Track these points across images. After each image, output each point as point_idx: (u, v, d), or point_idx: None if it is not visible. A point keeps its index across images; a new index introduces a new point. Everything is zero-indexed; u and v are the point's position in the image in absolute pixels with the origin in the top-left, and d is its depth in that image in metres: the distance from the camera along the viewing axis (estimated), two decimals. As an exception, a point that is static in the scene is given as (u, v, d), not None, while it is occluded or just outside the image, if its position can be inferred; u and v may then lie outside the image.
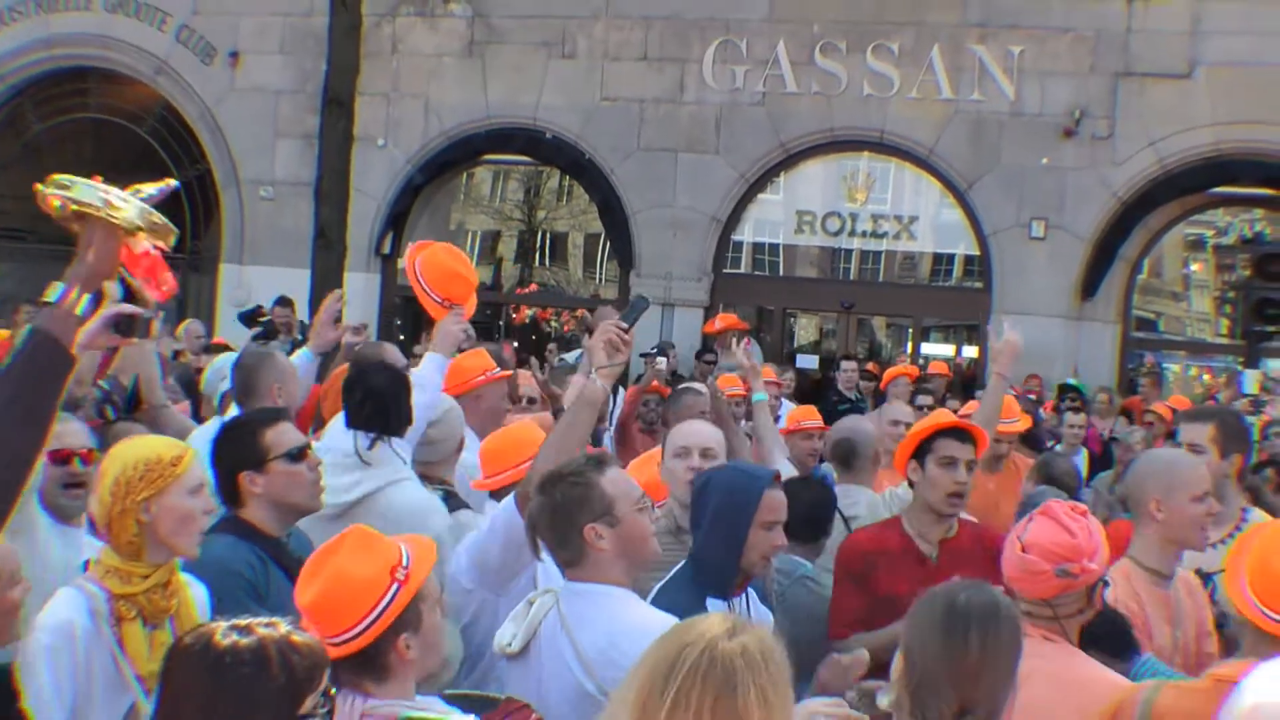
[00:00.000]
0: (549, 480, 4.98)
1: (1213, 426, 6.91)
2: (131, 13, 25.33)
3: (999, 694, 4.06)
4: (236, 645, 3.30)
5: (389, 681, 4.17)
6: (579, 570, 4.93)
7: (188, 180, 25.77)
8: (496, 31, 23.36)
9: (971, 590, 4.20)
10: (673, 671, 3.11)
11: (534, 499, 4.99)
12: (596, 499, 4.89)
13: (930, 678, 4.03)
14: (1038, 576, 4.85)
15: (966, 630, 4.04)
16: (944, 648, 4.03)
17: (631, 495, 5.01)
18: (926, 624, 4.12)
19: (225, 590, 5.18)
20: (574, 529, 4.86)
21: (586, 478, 4.93)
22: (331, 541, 4.37)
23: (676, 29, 22.56)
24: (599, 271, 26.01)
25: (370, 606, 4.14)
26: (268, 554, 5.49)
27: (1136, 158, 20.60)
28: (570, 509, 4.88)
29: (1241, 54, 20.05)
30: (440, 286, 7.84)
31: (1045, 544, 4.86)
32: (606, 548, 4.87)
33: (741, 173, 22.36)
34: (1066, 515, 4.98)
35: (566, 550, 4.93)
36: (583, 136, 23.01)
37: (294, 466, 5.59)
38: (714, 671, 3.10)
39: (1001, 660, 4.07)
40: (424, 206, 25.09)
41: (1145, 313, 22.88)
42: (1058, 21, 20.97)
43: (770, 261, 23.65)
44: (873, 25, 21.70)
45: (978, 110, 21.31)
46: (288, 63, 24.50)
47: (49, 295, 3.60)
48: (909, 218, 22.61)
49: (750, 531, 5.51)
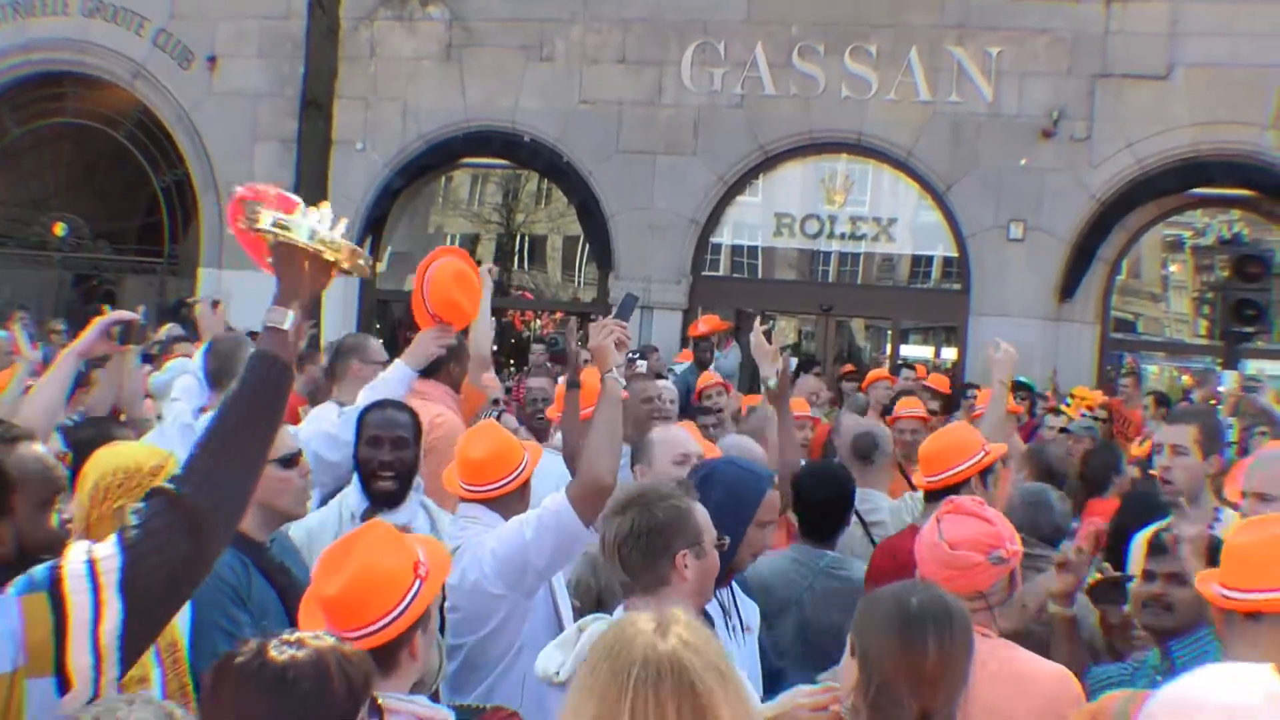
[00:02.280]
0: (641, 499, 4.87)
1: (1195, 428, 6.92)
2: (109, 17, 25.23)
3: (956, 695, 4.05)
4: (295, 659, 3.27)
5: (393, 677, 4.19)
6: (650, 597, 4.72)
7: (166, 185, 25.77)
8: (474, 35, 23.33)
9: (920, 592, 4.19)
10: (622, 696, 3.01)
11: (618, 520, 4.84)
12: (692, 526, 4.82)
13: (889, 685, 3.98)
14: (973, 569, 4.85)
15: (924, 634, 4.00)
16: (903, 654, 3.99)
17: (713, 531, 4.93)
18: (882, 630, 4.05)
19: (207, 593, 5.14)
20: (668, 553, 4.75)
21: (685, 503, 4.85)
22: (349, 536, 4.43)
23: (654, 31, 22.57)
24: (578, 274, 26.02)
25: (397, 600, 4.17)
26: (250, 559, 5.49)
27: (1115, 159, 20.65)
28: (669, 531, 4.77)
29: (1219, 55, 20.11)
30: (438, 303, 7.86)
31: (971, 536, 4.88)
32: (690, 577, 4.78)
33: (720, 175, 22.37)
34: (976, 506, 5.05)
35: (651, 573, 4.78)
36: (561, 139, 22.99)
37: (285, 472, 5.60)
38: (665, 680, 3.01)
39: (959, 661, 4.05)
40: (402, 210, 25.08)
41: (1124, 314, 22.94)
42: (1036, 23, 21.01)
43: (749, 264, 23.65)
44: (851, 27, 21.72)
45: (956, 112, 21.34)
46: (265, 66, 24.44)
47: (277, 321, 3.64)
48: (887, 220, 22.61)
49: (749, 529, 5.52)
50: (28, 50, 25.93)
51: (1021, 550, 5.04)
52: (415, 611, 4.18)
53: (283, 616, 5.44)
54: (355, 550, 4.28)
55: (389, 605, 4.15)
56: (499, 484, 6.34)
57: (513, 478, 6.35)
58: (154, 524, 3.25)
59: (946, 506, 5.08)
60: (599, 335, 6.15)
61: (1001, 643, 4.85)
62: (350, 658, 3.37)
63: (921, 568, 4.98)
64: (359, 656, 3.42)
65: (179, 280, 25.73)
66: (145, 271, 26.79)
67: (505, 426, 7.51)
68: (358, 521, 6.50)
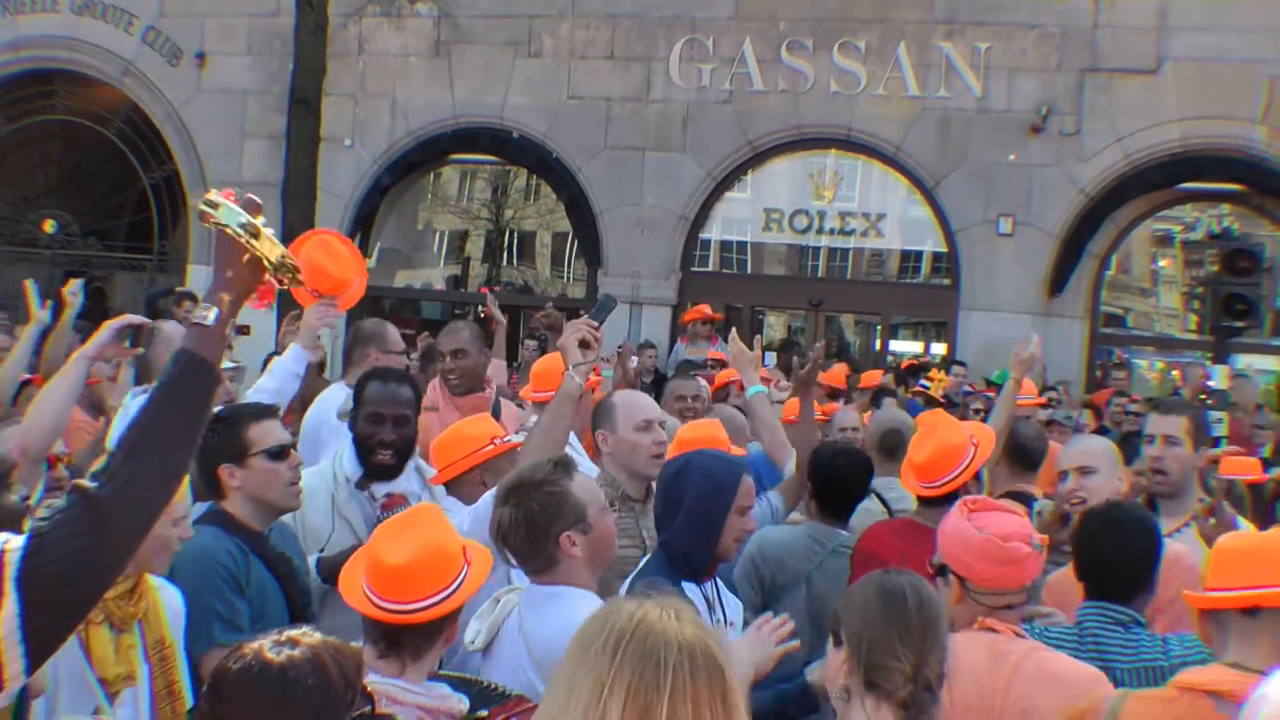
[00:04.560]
0: (518, 488, 4.91)
1: (1186, 419, 6.94)
2: (98, 15, 25.25)
3: (941, 652, 4.07)
4: (293, 659, 3.30)
5: (422, 661, 4.30)
6: (546, 576, 4.88)
7: (155, 182, 25.74)
8: (463, 31, 23.33)
9: (892, 570, 4.25)
10: (662, 677, 2.89)
11: (501, 509, 4.92)
12: (571, 507, 4.85)
13: (880, 646, 4.01)
14: (1025, 561, 4.84)
15: (903, 593, 4.07)
16: (887, 614, 4.04)
17: (599, 499, 4.99)
18: (863, 604, 4.12)
19: (205, 578, 5.26)
20: (548, 539, 4.81)
21: (560, 485, 4.87)
22: (406, 513, 4.56)
23: (642, 28, 22.58)
24: (567, 270, 25.98)
25: (453, 577, 4.28)
26: (250, 547, 5.52)
27: (1104, 154, 20.67)
28: (545, 518, 4.82)
29: (1208, 50, 20.12)
30: (308, 274, 7.85)
31: (1013, 529, 4.86)
32: (579, 555, 4.83)
33: (709, 171, 22.37)
34: (994, 501, 5.08)
35: (537, 559, 4.87)
36: (549, 136, 23.00)
37: (273, 464, 5.61)
38: (699, 663, 2.93)
39: (938, 619, 4.10)
40: (391, 207, 25.10)
41: (1113, 308, 22.92)
42: (1024, 18, 21.03)
43: (738, 259, 23.67)
44: (839, 23, 21.74)
45: (944, 107, 21.36)
46: (254, 63, 24.44)
47: (201, 317, 3.59)
48: (876, 215, 22.64)
49: (729, 516, 5.49)
50: (17, 48, 25.96)
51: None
52: (468, 590, 4.29)
53: (283, 605, 5.50)
54: (416, 526, 4.40)
55: (448, 580, 4.26)
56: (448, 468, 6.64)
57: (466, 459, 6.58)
58: (61, 517, 3.20)
59: (969, 505, 5.03)
60: (569, 332, 6.19)
61: (1034, 644, 4.85)
62: (343, 651, 3.40)
63: (963, 569, 4.93)
64: (350, 650, 3.45)
65: (168, 277, 25.66)
66: (135, 268, 26.78)
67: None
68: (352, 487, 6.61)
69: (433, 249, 27.03)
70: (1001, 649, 4.70)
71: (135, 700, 4.69)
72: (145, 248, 26.79)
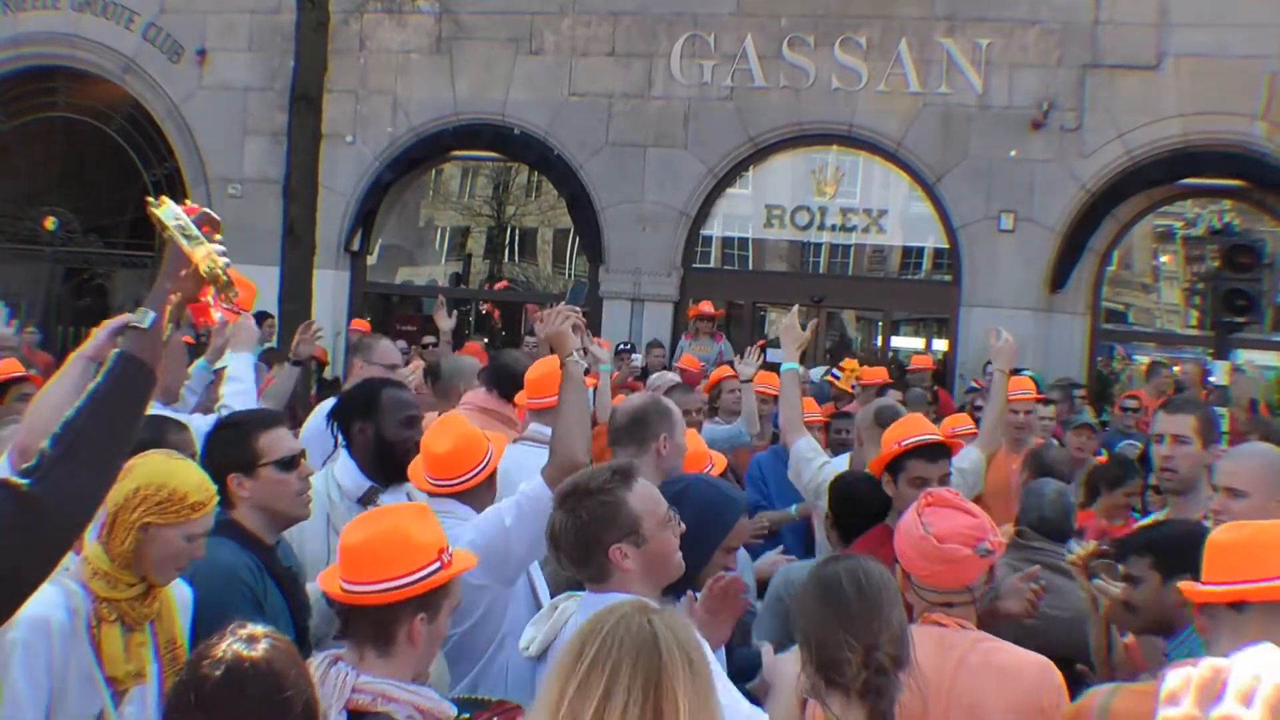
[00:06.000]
0: (573, 494, 4.80)
1: (1195, 418, 6.95)
2: (99, 11, 25.25)
3: (895, 632, 4.14)
4: (270, 654, 3.39)
5: (391, 658, 4.21)
6: (600, 585, 4.75)
7: (156, 179, 25.71)
8: (464, 28, 23.33)
9: (831, 559, 4.37)
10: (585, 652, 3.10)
11: (556, 514, 4.81)
12: (624, 517, 4.73)
13: (826, 636, 4.10)
14: (963, 563, 4.82)
15: (839, 582, 4.16)
16: (827, 608, 4.13)
17: (658, 512, 4.83)
18: (803, 599, 4.22)
19: (230, 597, 5.11)
20: (599, 549, 4.70)
21: (614, 494, 4.75)
22: (392, 505, 4.68)
23: (644, 24, 22.58)
24: (568, 267, 25.96)
25: (413, 568, 4.20)
26: (262, 562, 5.43)
27: (1105, 149, 20.68)
28: (596, 528, 4.71)
29: (1209, 45, 20.14)
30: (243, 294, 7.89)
31: (957, 530, 4.85)
32: (631, 567, 4.71)
33: (710, 167, 22.38)
34: (955, 499, 5.02)
35: (589, 568, 4.75)
36: (551, 132, 23.00)
37: (283, 475, 5.53)
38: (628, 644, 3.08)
39: (881, 599, 4.17)
40: (393, 203, 25.11)
41: (1115, 304, 22.93)
42: (1025, 14, 21.04)
43: (740, 256, 23.65)
44: (840, 19, 21.75)
45: (946, 103, 21.37)
46: (255, 60, 24.45)
47: (138, 320, 3.61)
48: (878, 211, 22.63)
49: (715, 553, 5.39)
50: (18, 45, 25.96)
51: (1003, 542, 5.07)
52: (426, 586, 4.21)
53: (290, 622, 5.39)
54: (391, 515, 4.44)
55: (404, 569, 4.19)
56: (467, 477, 6.28)
57: (479, 469, 6.31)
58: None
59: (926, 499, 5.02)
60: (554, 322, 6.16)
61: (980, 635, 4.85)
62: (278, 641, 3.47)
63: (906, 563, 4.94)
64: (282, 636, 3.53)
65: (169, 275, 25.65)
66: (136, 265, 26.70)
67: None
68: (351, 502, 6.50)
69: (434, 245, 27.04)
70: (949, 641, 4.72)
71: (143, 698, 4.66)
72: (146, 245, 26.69)
